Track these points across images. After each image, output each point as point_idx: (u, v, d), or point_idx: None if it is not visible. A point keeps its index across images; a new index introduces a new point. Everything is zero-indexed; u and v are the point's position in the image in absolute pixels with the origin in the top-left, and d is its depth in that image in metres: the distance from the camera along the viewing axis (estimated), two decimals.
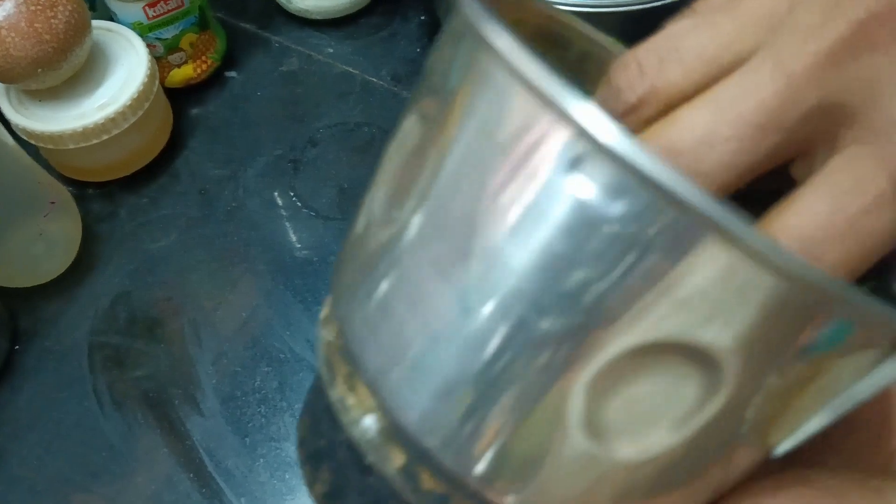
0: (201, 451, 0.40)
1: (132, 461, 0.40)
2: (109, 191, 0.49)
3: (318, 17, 0.55)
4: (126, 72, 0.46)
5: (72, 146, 0.45)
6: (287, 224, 0.47)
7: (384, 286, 0.17)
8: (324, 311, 0.20)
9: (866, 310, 0.14)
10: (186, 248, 0.47)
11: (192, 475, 0.40)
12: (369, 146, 0.50)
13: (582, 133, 0.14)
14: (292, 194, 0.49)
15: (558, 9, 0.22)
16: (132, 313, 0.45)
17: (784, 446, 0.17)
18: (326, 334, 0.19)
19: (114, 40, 0.47)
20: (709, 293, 0.14)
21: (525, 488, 0.16)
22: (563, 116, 0.14)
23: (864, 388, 0.16)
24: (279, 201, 0.48)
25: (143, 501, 0.39)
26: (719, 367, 0.14)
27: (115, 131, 0.45)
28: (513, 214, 0.15)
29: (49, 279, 0.45)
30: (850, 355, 0.15)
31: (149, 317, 0.45)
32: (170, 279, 0.46)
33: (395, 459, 0.17)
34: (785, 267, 0.13)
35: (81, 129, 0.44)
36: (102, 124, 0.44)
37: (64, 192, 0.45)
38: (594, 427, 0.15)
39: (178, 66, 0.51)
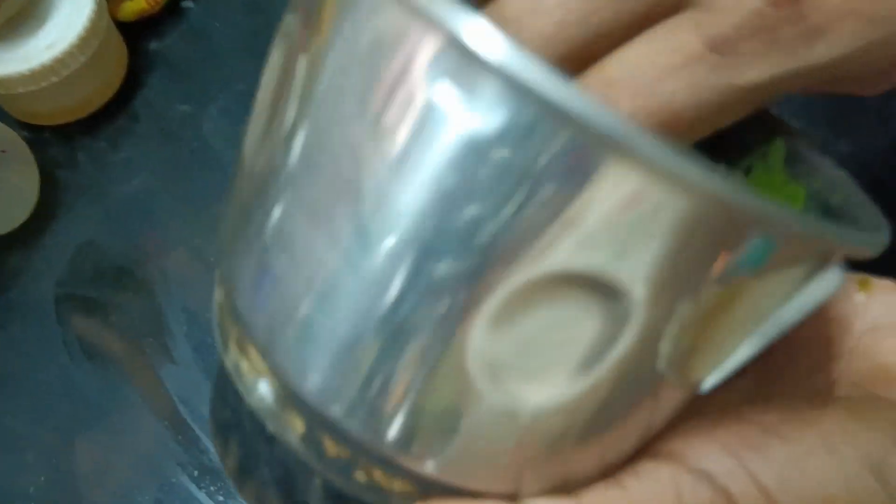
0: (175, 399, 0.40)
1: (108, 412, 0.40)
2: (67, 133, 0.47)
3: None
4: (72, 7, 0.43)
5: (21, 90, 0.42)
6: None
7: (263, 238, 0.15)
8: (219, 270, 0.18)
9: (789, 223, 0.13)
10: (150, 192, 0.45)
11: (167, 423, 0.39)
12: None
13: (456, 42, 0.12)
14: None
15: None
16: (98, 263, 0.43)
17: (710, 381, 0.15)
18: (218, 294, 0.18)
19: None
20: (613, 220, 0.12)
21: (442, 451, 0.15)
22: (435, 24, 0.12)
23: (792, 310, 0.15)
24: None
25: (120, 452, 0.39)
26: (626, 298, 0.13)
27: (66, 72, 0.43)
28: (392, 148, 0.13)
29: (8, 230, 0.44)
30: (774, 275, 0.14)
31: (115, 266, 0.43)
32: (135, 226, 0.44)
33: (295, 427, 0.16)
34: (698, 183, 0.12)
35: (29, 72, 0.42)
36: (51, 65, 0.42)
37: (16, 139, 0.43)
38: (501, 374, 0.14)
39: None
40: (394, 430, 0.15)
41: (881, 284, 0.20)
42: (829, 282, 0.14)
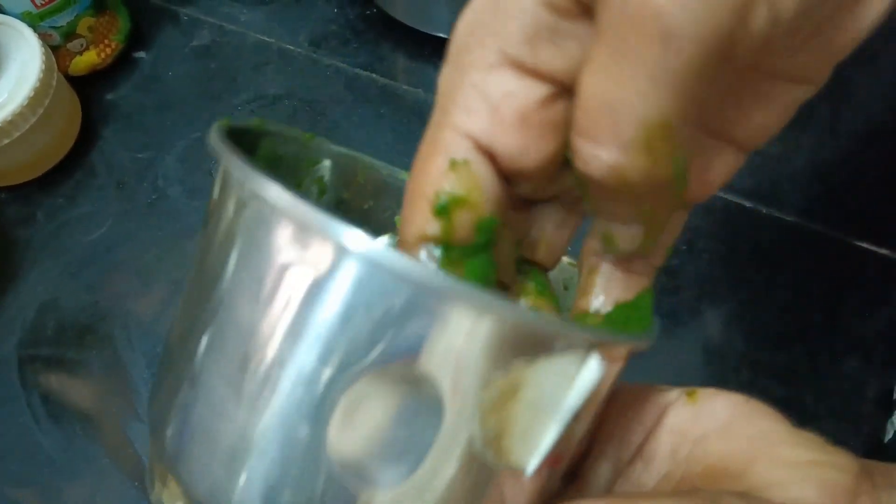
0: (143, 458, 0.39)
1: (75, 474, 0.40)
2: (24, 193, 0.47)
3: None
4: (20, 67, 0.43)
5: None
6: None
7: (182, 384, 0.19)
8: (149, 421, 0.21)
9: (558, 330, 0.17)
10: (109, 246, 0.45)
11: (136, 483, 0.39)
12: (291, 121, 0.48)
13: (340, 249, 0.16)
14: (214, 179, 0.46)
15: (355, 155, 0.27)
16: (60, 321, 0.43)
17: (532, 464, 0.18)
18: (150, 442, 0.21)
19: (3, 34, 0.44)
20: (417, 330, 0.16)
21: None
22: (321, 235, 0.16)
23: (574, 396, 0.17)
24: (200, 189, 0.46)
25: None
26: (434, 388, 0.16)
27: (17, 133, 0.43)
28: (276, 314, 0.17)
29: None
30: (548, 367, 0.17)
31: (78, 323, 0.43)
32: (96, 281, 0.44)
33: None
34: (477, 303, 0.16)
35: None
36: (2, 127, 0.42)
37: None
38: (359, 469, 0.17)
39: (80, 53, 0.48)
40: None
41: (705, 393, 0.21)
42: (593, 370, 0.17)
